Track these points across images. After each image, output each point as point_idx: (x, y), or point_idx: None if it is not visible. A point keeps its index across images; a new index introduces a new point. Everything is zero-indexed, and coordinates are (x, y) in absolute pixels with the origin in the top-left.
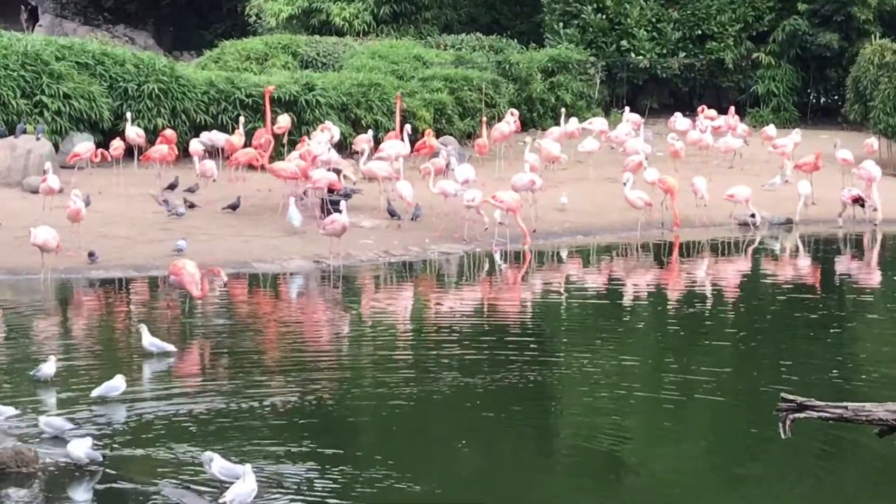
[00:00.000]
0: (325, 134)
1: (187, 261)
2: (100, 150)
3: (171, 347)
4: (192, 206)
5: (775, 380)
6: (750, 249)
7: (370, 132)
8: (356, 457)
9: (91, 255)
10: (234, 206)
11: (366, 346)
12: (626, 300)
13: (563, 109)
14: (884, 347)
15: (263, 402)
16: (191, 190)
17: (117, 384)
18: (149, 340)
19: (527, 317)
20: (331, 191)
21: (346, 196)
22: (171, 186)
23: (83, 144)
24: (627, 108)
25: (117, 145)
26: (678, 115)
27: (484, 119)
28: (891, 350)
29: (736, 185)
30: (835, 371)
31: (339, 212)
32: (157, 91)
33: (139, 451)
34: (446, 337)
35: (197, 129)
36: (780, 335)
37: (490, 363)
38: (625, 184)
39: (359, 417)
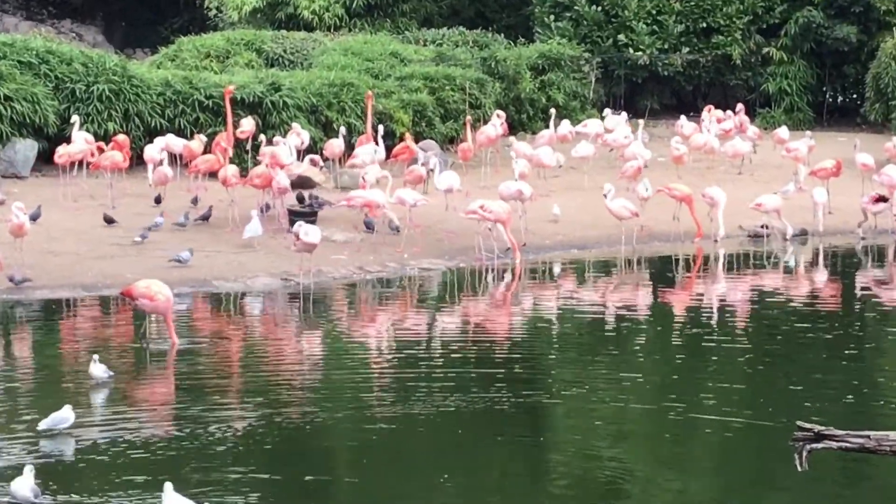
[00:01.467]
0: (293, 138)
1: (155, 282)
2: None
3: (111, 374)
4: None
5: (789, 406)
6: (762, 263)
7: (341, 136)
8: (327, 486)
9: (11, 279)
10: (205, 218)
11: (338, 371)
12: (625, 320)
13: (552, 111)
14: None
15: (225, 430)
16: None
17: (65, 415)
18: (100, 368)
19: (516, 338)
20: (299, 200)
21: (317, 208)
22: (157, 200)
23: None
24: (608, 110)
25: (63, 152)
26: (683, 118)
27: (468, 120)
28: None
29: (763, 194)
30: (855, 396)
31: (313, 223)
32: (107, 92)
33: (91, 487)
34: (426, 361)
35: (152, 134)
36: (795, 357)
37: (474, 387)
38: (605, 195)
39: (331, 444)
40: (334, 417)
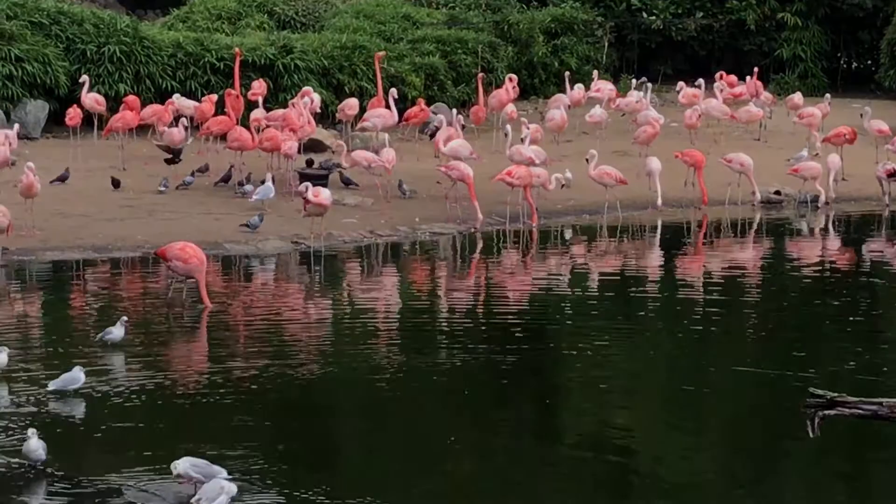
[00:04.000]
0: (305, 101)
1: (189, 244)
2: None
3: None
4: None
5: (802, 374)
6: (775, 230)
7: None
8: (337, 448)
9: None
10: (225, 179)
11: (347, 338)
12: (636, 288)
13: (566, 74)
14: None
15: (237, 397)
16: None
17: (76, 376)
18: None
19: (525, 306)
20: (309, 164)
21: (328, 171)
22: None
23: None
24: (634, 81)
25: (74, 113)
26: (681, 84)
27: (480, 77)
28: None
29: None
30: (867, 364)
31: (324, 185)
32: (118, 54)
33: (100, 448)
34: (436, 328)
35: (163, 96)
36: (808, 325)
37: (485, 358)
38: (588, 160)
39: (340, 417)
40: (345, 379)
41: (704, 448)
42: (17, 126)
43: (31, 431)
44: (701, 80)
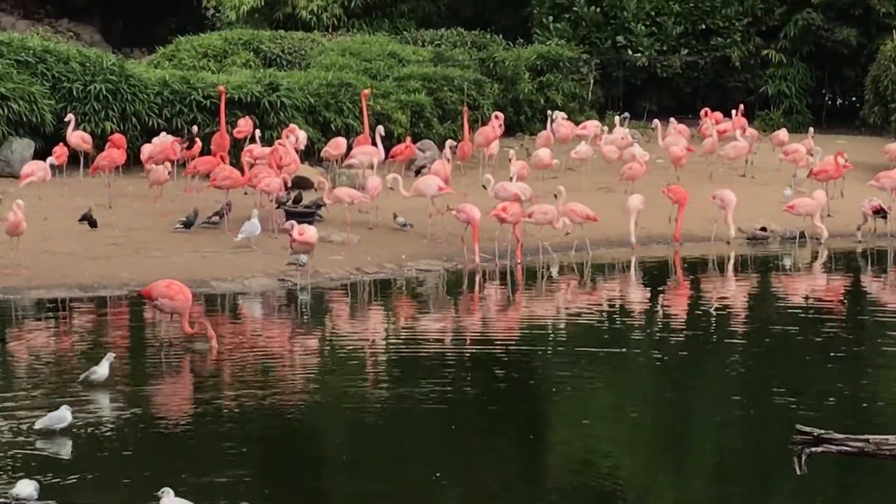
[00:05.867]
0: (290, 138)
1: (174, 281)
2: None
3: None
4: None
5: (788, 410)
6: (760, 266)
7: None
8: (320, 483)
9: None
10: (220, 215)
11: (332, 374)
12: (623, 323)
13: (549, 112)
14: None
15: (221, 434)
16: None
17: (63, 415)
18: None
19: (513, 341)
20: (297, 200)
21: (317, 207)
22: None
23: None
24: (618, 118)
25: (60, 152)
26: (656, 121)
27: (465, 111)
28: None
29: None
30: (854, 400)
31: (311, 223)
32: (104, 92)
33: (87, 486)
34: (420, 363)
35: (149, 134)
36: (793, 361)
37: (470, 393)
38: (556, 196)
39: (326, 451)
40: (331, 414)
41: (691, 483)
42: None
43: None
44: (656, 122)
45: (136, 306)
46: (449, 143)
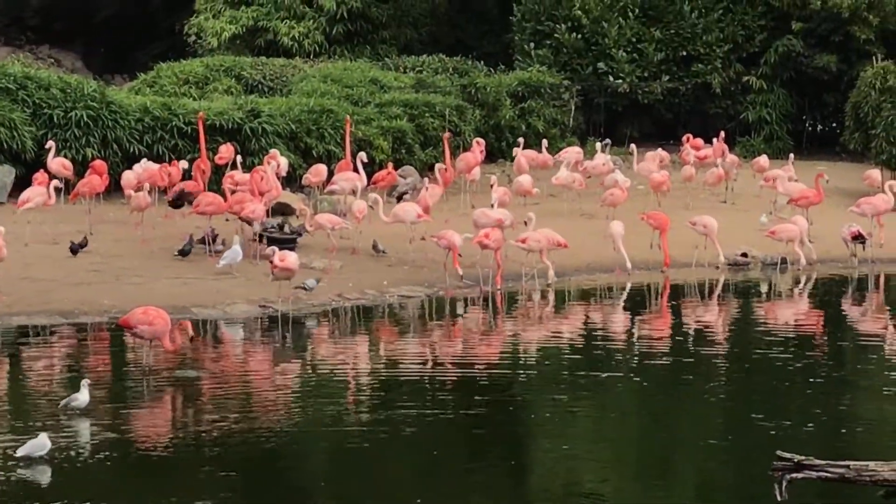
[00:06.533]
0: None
1: (151, 308)
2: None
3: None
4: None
5: (769, 435)
6: (741, 293)
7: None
8: None
9: None
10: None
11: (313, 402)
12: (605, 348)
13: (520, 140)
14: (887, 401)
15: (200, 459)
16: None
17: (43, 442)
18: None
19: (495, 366)
20: (280, 227)
21: (297, 235)
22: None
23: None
24: (598, 144)
25: (41, 178)
26: (633, 147)
27: (447, 137)
28: (894, 405)
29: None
30: (834, 426)
31: (292, 249)
32: (85, 118)
33: None
34: (405, 388)
35: (130, 160)
36: (774, 386)
37: (455, 416)
38: (525, 223)
39: (307, 479)
40: (311, 439)
41: None
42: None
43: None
44: (632, 148)
45: (116, 333)
46: (438, 166)
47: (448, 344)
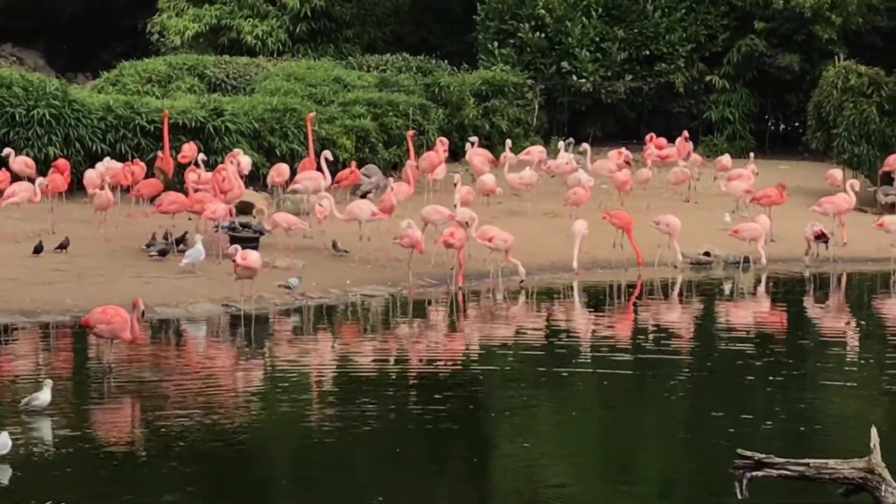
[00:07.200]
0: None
1: (110, 306)
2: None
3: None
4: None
5: (730, 433)
6: (703, 291)
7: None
8: None
9: None
10: (178, 241)
11: (275, 399)
12: (567, 346)
13: (473, 139)
14: (848, 400)
15: (163, 455)
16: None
17: (3, 441)
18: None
19: (457, 364)
20: (244, 226)
21: (260, 234)
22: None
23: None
24: (562, 143)
25: (2, 177)
26: (585, 145)
27: (411, 135)
28: (855, 403)
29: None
30: (794, 424)
31: (254, 248)
32: (48, 117)
33: None
34: (367, 386)
35: (92, 159)
36: (735, 384)
37: (417, 413)
38: (468, 223)
39: (268, 477)
40: (273, 436)
41: None
42: None
43: None
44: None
45: (79, 332)
46: (409, 164)
47: (410, 342)
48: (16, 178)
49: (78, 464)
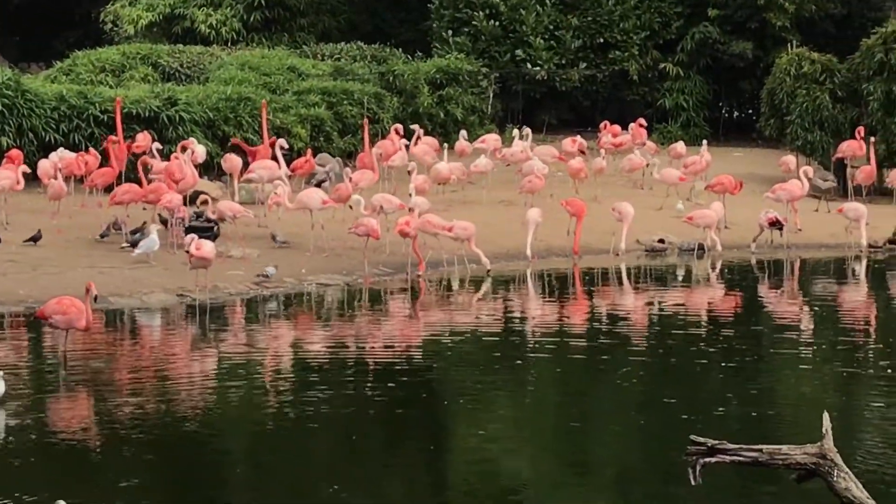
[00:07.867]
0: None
1: (65, 297)
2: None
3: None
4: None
5: (683, 420)
6: (658, 278)
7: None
8: (218, 499)
9: None
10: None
11: (232, 384)
12: (521, 334)
13: (417, 128)
14: (801, 385)
15: (118, 443)
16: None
17: None
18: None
19: (414, 352)
20: (198, 216)
21: (215, 224)
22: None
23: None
24: (516, 131)
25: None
26: (528, 130)
27: (365, 123)
28: (808, 388)
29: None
30: (747, 411)
31: (210, 238)
32: (0, 107)
33: None
34: (323, 375)
35: (46, 149)
36: (688, 371)
37: (373, 401)
38: (410, 210)
39: (224, 464)
40: (228, 424)
41: (590, 493)
42: None
43: None
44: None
45: (33, 323)
46: (375, 149)
47: (365, 330)
48: None
49: (34, 453)
